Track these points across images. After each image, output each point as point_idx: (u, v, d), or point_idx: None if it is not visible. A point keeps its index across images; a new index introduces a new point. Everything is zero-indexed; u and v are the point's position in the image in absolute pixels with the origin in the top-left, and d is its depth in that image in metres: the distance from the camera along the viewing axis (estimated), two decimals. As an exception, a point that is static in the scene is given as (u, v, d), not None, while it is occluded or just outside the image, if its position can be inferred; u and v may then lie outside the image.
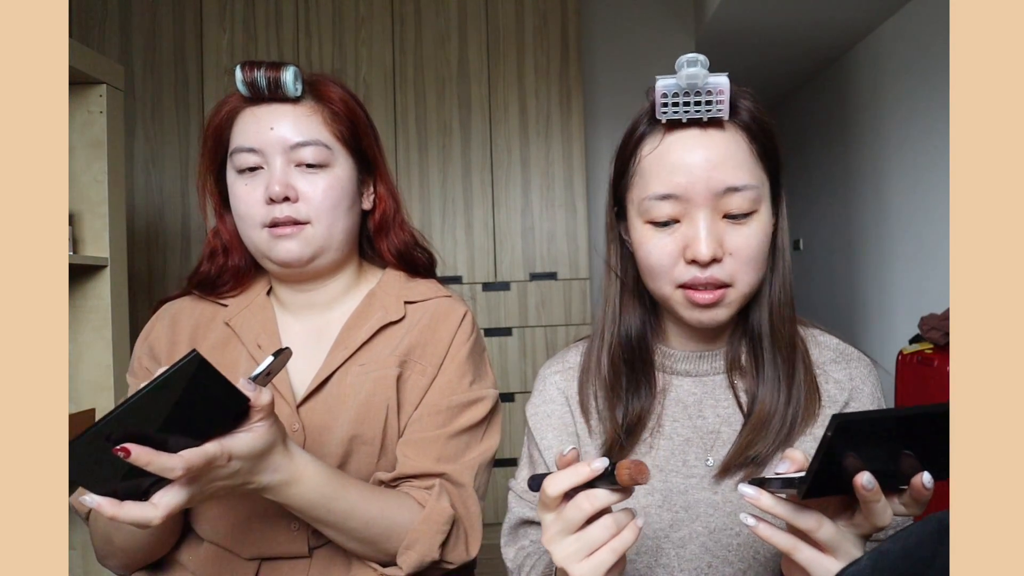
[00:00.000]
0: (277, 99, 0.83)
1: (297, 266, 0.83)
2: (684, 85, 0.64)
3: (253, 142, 0.82)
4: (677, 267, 0.68)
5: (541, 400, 0.82)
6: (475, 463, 0.85)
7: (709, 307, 0.69)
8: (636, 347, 0.77)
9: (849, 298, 3.72)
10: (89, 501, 0.57)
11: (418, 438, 0.83)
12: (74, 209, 1.66)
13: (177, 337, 0.89)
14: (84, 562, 1.62)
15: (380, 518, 0.77)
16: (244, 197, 0.82)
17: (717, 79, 0.65)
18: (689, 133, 0.68)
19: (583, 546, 0.56)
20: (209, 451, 0.59)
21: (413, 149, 2.63)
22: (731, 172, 0.66)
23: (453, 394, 0.86)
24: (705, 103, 0.65)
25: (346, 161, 0.86)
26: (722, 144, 0.67)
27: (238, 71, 0.82)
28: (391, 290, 0.90)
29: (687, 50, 3.08)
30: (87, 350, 1.66)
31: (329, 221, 0.83)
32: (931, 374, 2.06)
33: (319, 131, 0.84)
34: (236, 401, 0.60)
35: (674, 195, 0.67)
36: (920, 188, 2.95)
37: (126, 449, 0.54)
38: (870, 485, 0.51)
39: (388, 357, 0.85)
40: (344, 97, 0.87)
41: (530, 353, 2.64)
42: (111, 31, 2.61)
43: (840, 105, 3.74)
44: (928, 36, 2.81)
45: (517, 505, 0.81)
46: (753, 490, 0.56)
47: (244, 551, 0.80)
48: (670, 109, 0.66)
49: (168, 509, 0.58)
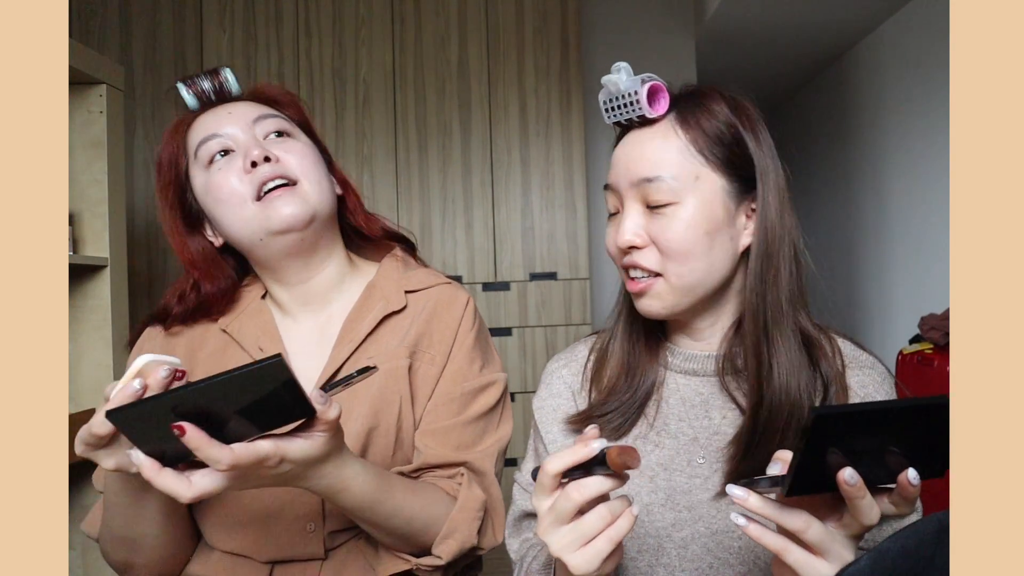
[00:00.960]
0: (224, 100, 0.86)
1: (299, 228, 0.80)
2: (612, 91, 0.72)
3: (216, 128, 0.82)
4: (620, 255, 0.74)
5: (548, 394, 0.83)
6: (493, 450, 0.86)
7: (640, 296, 0.73)
8: (646, 341, 0.79)
9: (849, 298, 3.72)
10: (135, 457, 0.57)
11: (436, 427, 0.83)
12: (74, 209, 1.66)
13: (172, 349, 0.87)
14: (84, 562, 1.62)
15: (421, 514, 0.77)
16: (223, 181, 0.80)
17: (633, 82, 0.71)
18: (632, 133, 0.74)
19: (578, 536, 0.56)
20: (262, 450, 0.58)
21: (413, 149, 2.63)
22: (647, 164, 0.71)
23: (465, 380, 0.86)
24: (629, 106, 0.72)
25: (306, 138, 0.88)
26: (647, 139, 0.72)
27: (181, 88, 0.85)
28: (390, 280, 0.89)
29: (687, 50, 3.08)
30: (87, 350, 1.66)
31: (316, 177, 0.83)
32: (931, 374, 2.06)
33: (273, 110, 0.87)
34: (304, 410, 0.59)
35: (610, 186, 0.74)
36: (920, 188, 2.95)
37: (182, 428, 0.54)
38: (852, 480, 0.51)
39: (397, 348, 0.85)
40: (285, 91, 0.90)
41: (530, 353, 2.64)
42: (111, 31, 2.60)
43: (840, 105, 3.74)
44: (928, 36, 2.81)
45: (521, 497, 0.81)
46: (741, 491, 0.55)
47: (260, 554, 0.80)
48: (610, 114, 0.74)
49: (200, 492, 0.58)
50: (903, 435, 0.51)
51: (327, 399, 0.61)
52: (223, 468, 0.57)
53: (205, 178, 0.82)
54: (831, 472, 0.51)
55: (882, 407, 0.52)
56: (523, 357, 2.64)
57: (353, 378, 0.64)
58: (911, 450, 0.52)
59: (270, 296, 0.90)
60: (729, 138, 0.71)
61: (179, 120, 0.87)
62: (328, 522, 0.80)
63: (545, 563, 0.73)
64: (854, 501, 0.52)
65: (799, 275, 0.73)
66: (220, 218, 0.82)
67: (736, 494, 0.55)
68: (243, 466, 0.58)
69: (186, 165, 0.85)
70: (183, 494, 0.58)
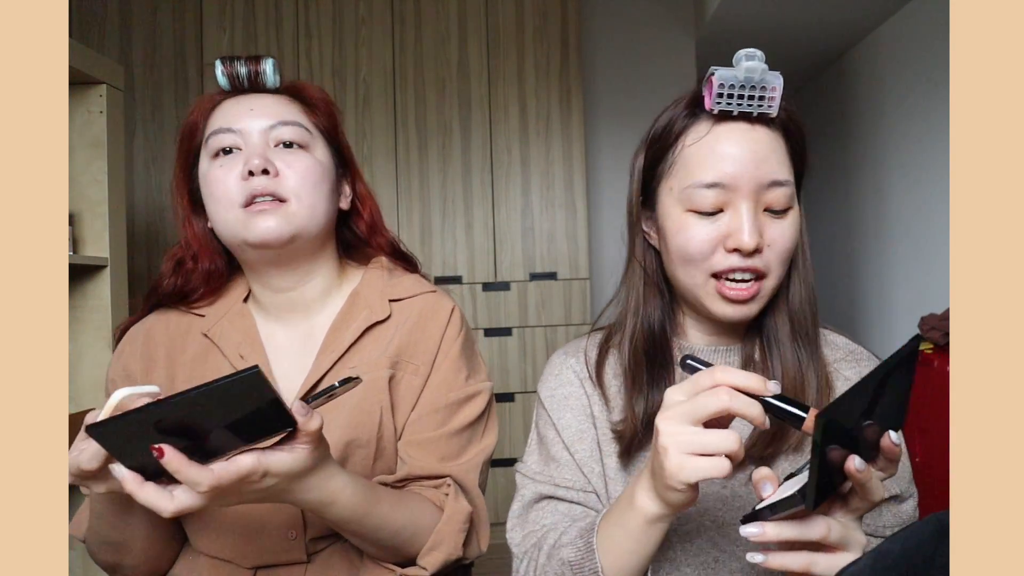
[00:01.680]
0: (257, 90, 0.84)
1: (275, 246, 0.79)
2: (742, 78, 0.66)
3: (231, 122, 0.81)
4: (716, 255, 0.69)
5: (558, 383, 0.81)
6: (478, 460, 0.85)
7: (744, 302, 0.70)
8: (658, 338, 0.77)
9: (849, 298, 3.72)
10: (117, 471, 0.57)
11: (420, 438, 0.83)
12: (74, 209, 1.66)
13: (153, 354, 0.86)
14: (84, 562, 1.62)
15: (408, 525, 0.77)
16: (220, 178, 0.79)
17: (774, 77, 0.66)
18: (737, 126, 0.69)
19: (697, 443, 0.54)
20: (243, 467, 0.58)
21: (413, 149, 2.63)
22: (775, 167, 0.68)
23: (450, 391, 0.85)
24: (758, 98, 0.67)
25: (325, 149, 0.86)
26: (766, 140, 0.69)
27: (218, 65, 0.82)
28: (374, 288, 0.88)
29: (687, 50, 3.08)
30: (87, 350, 1.66)
31: (311, 200, 0.81)
32: (931, 374, 2.06)
33: (298, 115, 0.84)
34: (285, 421, 0.59)
35: (721, 184, 0.68)
36: (920, 188, 2.95)
37: (160, 450, 0.54)
38: (862, 467, 0.51)
39: (379, 359, 0.84)
40: (323, 94, 0.88)
41: (530, 353, 2.64)
42: (111, 31, 2.60)
43: (840, 105, 3.74)
44: (928, 36, 2.81)
45: (531, 484, 0.79)
46: (755, 527, 0.54)
47: (244, 560, 0.80)
48: (724, 100, 0.67)
49: (182, 507, 0.58)
50: (879, 401, 0.52)
51: (308, 410, 0.60)
52: (204, 490, 0.56)
53: (207, 168, 0.82)
54: (836, 468, 0.51)
55: (865, 381, 0.51)
56: (523, 357, 2.64)
57: (335, 389, 0.63)
58: (882, 414, 0.53)
59: (253, 298, 0.88)
60: (802, 147, 0.73)
61: (212, 95, 0.85)
62: (309, 530, 0.80)
63: (585, 528, 0.68)
64: (865, 485, 0.52)
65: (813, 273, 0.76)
66: (211, 211, 0.82)
67: (752, 532, 0.54)
68: (224, 485, 0.57)
69: (199, 142, 0.84)
70: (165, 508, 0.58)
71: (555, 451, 0.78)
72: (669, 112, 0.74)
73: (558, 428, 0.79)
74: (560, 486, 0.76)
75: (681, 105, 0.73)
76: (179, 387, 0.82)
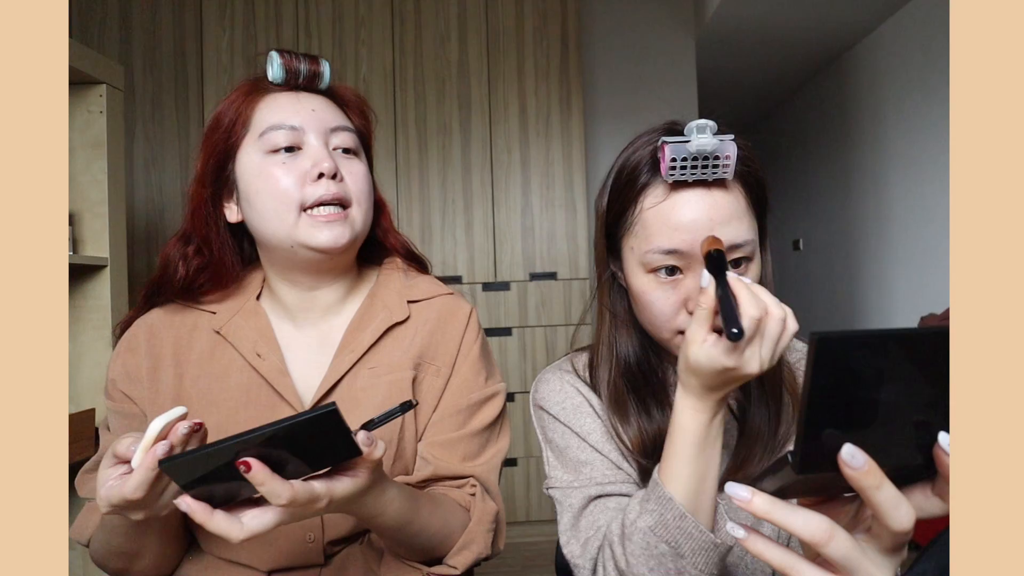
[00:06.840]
0: (309, 90, 0.84)
1: (336, 253, 0.80)
2: (694, 151, 0.65)
3: (294, 120, 0.79)
4: (679, 316, 0.70)
5: (564, 396, 0.81)
6: (496, 461, 0.87)
7: None
8: (638, 372, 0.78)
9: (849, 298, 3.72)
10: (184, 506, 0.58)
11: (443, 439, 0.83)
12: (74, 209, 1.66)
13: (159, 351, 0.84)
14: (84, 562, 1.62)
15: (443, 527, 0.78)
16: (280, 175, 0.78)
17: (726, 145, 0.66)
18: (694, 192, 0.68)
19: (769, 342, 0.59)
20: (316, 490, 0.59)
21: (413, 149, 2.63)
22: (735, 229, 0.68)
23: (471, 392, 0.86)
24: (712, 166, 0.66)
25: (364, 157, 0.87)
26: (723, 202, 0.68)
27: (275, 56, 0.81)
28: (392, 289, 0.88)
29: (687, 50, 3.08)
30: (87, 350, 1.66)
31: (367, 206, 0.83)
32: (931, 374, 2.06)
33: (348, 121, 0.85)
34: (351, 451, 0.61)
35: (678, 251, 0.68)
36: (920, 188, 2.95)
37: (248, 463, 0.55)
38: (855, 461, 0.40)
39: (401, 359, 0.84)
40: (360, 98, 0.89)
41: (530, 353, 2.64)
42: (111, 31, 2.60)
43: (840, 105, 3.74)
44: (928, 36, 2.81)
45: (573, 492, 0.76)
46: (744, 489, 0.44)
47: (260, 564, 0.80)
48: (677, 171, 0.67)
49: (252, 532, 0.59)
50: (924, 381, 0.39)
51: (372, 440, 0.62)
52: (283, 503, 0.57)
53: (260, 163, 0.79)
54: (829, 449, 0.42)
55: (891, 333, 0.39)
56: (523, 357, 2.64)
57: (394, 415, 0.65)
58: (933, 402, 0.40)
59: (268, 296, 0.88)
60: (762, 192, 0.73)
61: (256, 85, 0.82)
62: (327, 532, 0.80)
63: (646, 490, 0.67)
64: (866, 492, 0.41)
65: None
66: (258, 208, 0.79)
67: (739, 494, 0.44)
68: (300, 502, 0.58)
69: (241, 137, 0.81)
70: (235, 535, 0.58)
71: (584, 456, 0.77)
72: (637, 154, 0.73)
73: (582, 434, 0.78)
74: (602, 483, 0.75)
75: (647, 150, 0.72)
76: (187, 384, 0.82)
